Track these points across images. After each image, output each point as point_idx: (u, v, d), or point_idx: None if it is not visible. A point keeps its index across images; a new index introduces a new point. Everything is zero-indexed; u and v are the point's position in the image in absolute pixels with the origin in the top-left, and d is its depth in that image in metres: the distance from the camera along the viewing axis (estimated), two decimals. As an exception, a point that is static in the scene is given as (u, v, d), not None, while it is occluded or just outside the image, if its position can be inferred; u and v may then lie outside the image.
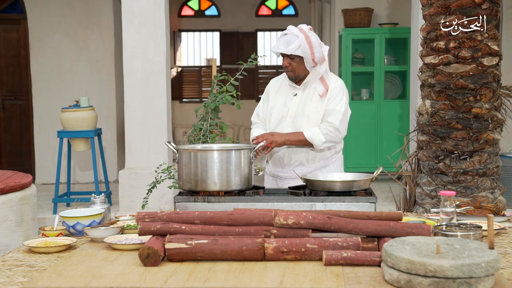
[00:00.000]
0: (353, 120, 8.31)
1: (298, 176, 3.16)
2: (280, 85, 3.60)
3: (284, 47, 3.37)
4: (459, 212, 2.88)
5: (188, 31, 12.63)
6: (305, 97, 3.48)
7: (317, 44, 3.38)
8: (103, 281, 2.05)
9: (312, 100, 3.47)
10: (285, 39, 3.39)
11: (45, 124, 8.49)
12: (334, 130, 3.41)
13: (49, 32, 8.46)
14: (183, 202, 2.90)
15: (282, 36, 3.42)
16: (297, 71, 3.43)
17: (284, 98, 3.52)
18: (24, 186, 4.21)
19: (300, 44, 3.34)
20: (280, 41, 3.41)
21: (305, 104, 3.47)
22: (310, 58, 3.38)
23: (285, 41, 3.38)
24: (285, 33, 3.41)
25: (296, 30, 3.38)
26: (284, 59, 3.42)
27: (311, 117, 3.44)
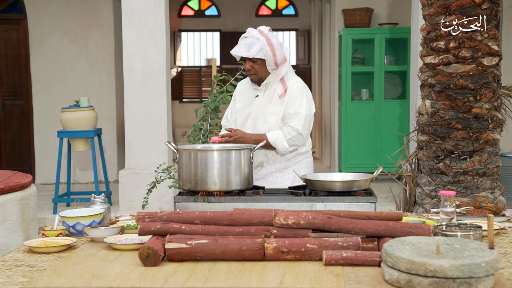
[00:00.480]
0: (353, 120, 8.40)
1: (297, 175, 3.16)
2: (244, 88, 3.61)
3: (246, 50, 3.35)
4: (459, 212, 2.88)
5: (188, 31, 12.63)
6: (266, 98, 3.47)
7: (278, 45, 3.36)
8: (103, 281, 2.05)
9: (272, 101, 3.46)
10: (246, 42, 3.37)
11: (45, 124, 8.49)
12: (297, 135, 3.39)
13: (49, 32, 8.46)
14: (183, 202, 2.90)
15: (243, 39, 3.40)
16: (259, 73, 3.43)
17: (247, 100, 3.53)
18: (24, 186, 4.21)
19: (261, 47, 3.33)
20: (241, 44, 3.39)
21: (265, 105, 3.47)
22: (272, 61, 3.36)
23: (246, 44, 3.36)
24: (246, 36, 3.39)
25: (256, 33, 3.36)
26: (246, 63, 3.41)
27: (270, 119, 3.43)
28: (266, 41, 3.33)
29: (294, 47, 12.66)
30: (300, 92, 3.43)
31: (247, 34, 3.39)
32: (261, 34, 3.36)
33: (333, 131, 8.84)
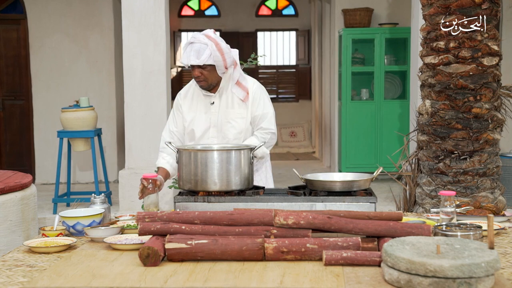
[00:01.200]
0: (353, 120, 8.40)
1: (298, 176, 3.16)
2: (192, 96, 3.42)
3: (196, 58, 3.17)
4: (459, 212, 2.88)
5: (188, 31, 12.63)
6: (224, 104, 3.35)
7: (227, 49, 3.24)
8: (103, 281, 2.05)
9: (233, 106, 3.35)
10: (194, 48, 3.18)
11: (45, 124, 8.49)
12: (272, 135, 3.39)
13: (49, 32, 8.46)
14: (183, 202, 2.90)
15: (189, 46, 3.21)
16: (209, 79, 3.26)
17: (202, 109, 3.38)
18: (24, 186, 4.21)
19: (211, 52, 3.17)
20: (189, 52, 3.20)
21: (226, 111, 3.35)
22: (222, 65, 3.22)
23: (195, 51, 3.18)
24: (192, 42, 3.20)
25: (204, 38, 3.19)
26: (195, 70, 3.24)
27: (237, 124, 3.34)
28: (215, 46, 3.18)
29: (294, 47, 12.66)
30: (261, 92, 3.41)
31: (193, 40, 3.19)
32: (209, 39, 3.19)
33: (333, 131, 8.84)
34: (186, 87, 3.48)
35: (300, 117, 12.33)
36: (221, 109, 3.35)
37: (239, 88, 3.35)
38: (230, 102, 3.35)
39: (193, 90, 3.43)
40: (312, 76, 11.39)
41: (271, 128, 3.38)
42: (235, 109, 3.35)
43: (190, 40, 3.21)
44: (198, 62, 3.17)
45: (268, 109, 3.39)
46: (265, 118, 3.37)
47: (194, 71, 3.24)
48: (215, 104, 3.35)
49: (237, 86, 3.34)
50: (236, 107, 3.35)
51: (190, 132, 3.40)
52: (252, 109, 3.36)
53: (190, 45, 3.20)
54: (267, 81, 12.66)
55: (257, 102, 3.37)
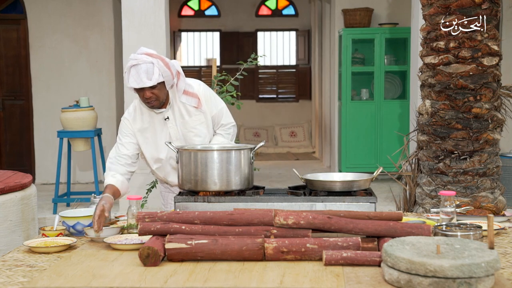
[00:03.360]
0: (353, 120, 8.39)
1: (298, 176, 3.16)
2: (141, 118, 3.25)
3: (148, 79, 3.00)
4: (459, 212, 2.88)
5: (188, 31, 12.63)
6: (178, 115, 3.24)
7: (170, 62, 3.12)
8: (103, 281, 2.05)
9: (189, 114, 3.25)
10: (142, 70, 3.00)
11: (45, 124, 8.49)
12: (234, 128, 3.40)
13: (49, 32, 8.46)
14: (183, 202, 2.90)
15: (134, 68, 3.02)
16: (160, 97, 3.11)
17: (156, 128, 3.23)
18: (24, 186, 4.21)
19: (159, 70, 3.02)
20: (138, 75, 3.01)
21: (184, 122, 3.24)
22: (171, 80, 3.09)
23: (144, 72, 3.00)
24: (136, 64, 3.01)
25: (147, 57, 3.02)
26: (145, 92, 3.05)
27: (199, 131, 3.26)
28: (162, 62, 3.03)
29: (294, 47, 12.66)
30: (208, 91, 3.35)
31: (136, 62, 3.00)
32: (153, 57, 3.03)
33: (333, 131, 8.84)
34: (130, 110, 3.29)
35: (300, 117, 12.33)
36: (177, 122, 3.25)
37: (188, 96, 3.24)
38: (185, 112, 3.25)
39: (140, 111, 3.26)
40: (312, 76, 11.39)
41: (231, 122, 3.39)
42: (192, 117, 3.26)
43: (133, 63, 3.02)
44: (151, 83, 3.00)
45: (221, 105, 3.37)
46: (222, 114, 3.35)
47: (145, 93, 3.06)
48: (170, 118, 3.24)
49: (185, 95, 3.24)
50: (193, 115, 3.26)
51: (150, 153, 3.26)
52: (209, 111, 3.30)
53: (135, 67, 3.02)
54: (267, 81, 12.66)
55: (210, 102, 3.31)
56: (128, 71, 3.05)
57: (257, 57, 5.03)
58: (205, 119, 3.29)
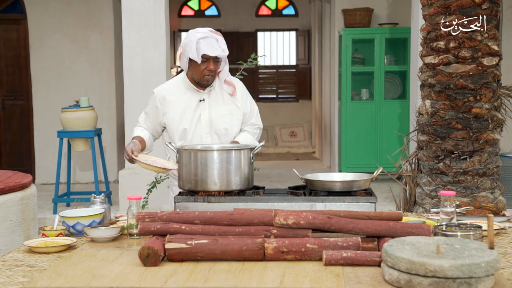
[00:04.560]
0: (353, 120, 8.39)
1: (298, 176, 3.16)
2: (177, 93, 3.37)
3: (223, 50, 3.20)
4: (459, 212, 2.88)
5: (188, 31, 12.62)
6: (213, 100, 3.36)
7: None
8: (103, 281, 2.05)
9: (224, 102, 3.37)
10: (215, 41, 3.19)
11: (45, 124, 8.49)
12: (260, 130, 3.50)
13: (49, 32, 8.46)
14: (183, 202, 2.90)
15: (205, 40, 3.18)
16: (216, 74, 3.31)
17: (189, 106, 3.34)
18: (24, 186, 4.21)
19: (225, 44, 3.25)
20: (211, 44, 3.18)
21: (217, 107, 3.36)
22: (225, 59, 3.31)
23: (219, 42, 3.20)
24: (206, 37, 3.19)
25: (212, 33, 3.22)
26: (210, 64, 3.22)
27: (227, 120, 3.36)
28: (224, 41, 3.24)
29: (294, 47, 12.66)
30: (246, 90, 3.49)
31: (206, 35, 3.19)
32: (217, 34, 3.23)
33: (333, 131, 8.84)
34: (168, 85, 3.43)
35: (300, 117, 12.33)
36: (211, 106, 3.36)
37: (226, 84, 3.39)
38: (220, 99, 3.37)
39: (176, 88, 3.39)
40: (312, 76, 11.39)
41: (259, 124, 3.50)
42: (225, 105, 3.38)
43: (202, 36, 3.18)
44: (225, 53, 3.21)
45: (254, 106, 3.50)
46: (253, 115, 3.47)
47: (210, 64, 3.22)
48: (205, 101, 3.36)
49: (225, 83, 3.39)
50: (226, 103, 3.38)
51: (173, 129, 3.37)
52: (242, 105, 3.42)
53: (205, 39, 3.18)
54: (267, 81, 12.66)
55: (245, 99, 3.44)
56: (196, 42, 3.18)
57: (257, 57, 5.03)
58: (236, 111, 3.39)
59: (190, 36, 3.23)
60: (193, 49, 3.19)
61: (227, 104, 3.38)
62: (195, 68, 3.26)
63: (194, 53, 3.19)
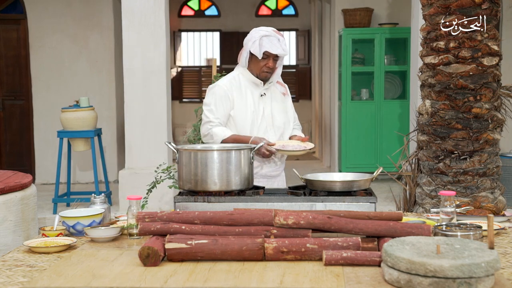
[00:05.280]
0: (353, 120, 8.39)
1: (298, 176, 3.16)
2: (239, 87, 3.47)
3: (285, 50, 3.39)
4: (459, 212, 2.88)
5: (188, 31, 12.63)
6: (270, 97, 3.52)
7: None
8: (103, 281, 2.05)
9: (278, 100, 3.55)
10: (280, 40, 3.39)
11: (45, 124, 8.49)
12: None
13: (49, 32, 8.46)
14: (183, 202, 2.90)
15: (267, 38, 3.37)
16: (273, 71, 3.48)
17: (252, 100, 3.46)
18: (24, 186, 4.21)
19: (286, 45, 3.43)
20: (273, 43, 3.36)
21: (273, 104, 3.52)
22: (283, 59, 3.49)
23: (281, 41, 3.39)
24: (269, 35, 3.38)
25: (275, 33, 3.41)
26: (271, 61, 3.40)
27: (280, 117, 3.52)
28: (285, 41, 3.42)
29: (294, 47, 12.66)
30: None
31: (270, 34, 3.38)
32: (279, 34, 3.41)
33: (333, 131, 8.84)
34: (226, 81, 3.49)
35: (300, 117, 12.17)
36: (269, 102, 3.51)
37: (278, 84, 3.57)
38: (275, 96, 3.54)
39: (238, 82, 3.49)
40: (312, 76, 11.39)
41: (300, 126, 3.72)
42: (279, 103, 3.54)
43: (265, 34, 3.37)
44: (284, 53, 3.37)
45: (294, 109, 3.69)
46: (296, 116, 3.69)
47: (270, 61, 3.38)
48: (266, 96, 3.50)
49: (277, 83, 3.57)
50: (279, 101, 3.55)
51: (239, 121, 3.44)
52: (290, 104, 3.62)
53: (268, 38, 3.36)
54: (267, 81, 12.65)
55: (290, 99, 3.65)
56: (259, 39, 3.36)
57: (257, 57, 5.01)
58: (289, 110, 3.58)
59: (254, 33, 3.42)
60: (256, 45, 3.37)
61: (281, 102, 3.56)
62: (255, 63, 3.43)
63: (256, 48, 3.37)
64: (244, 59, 3.46)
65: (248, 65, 3.47)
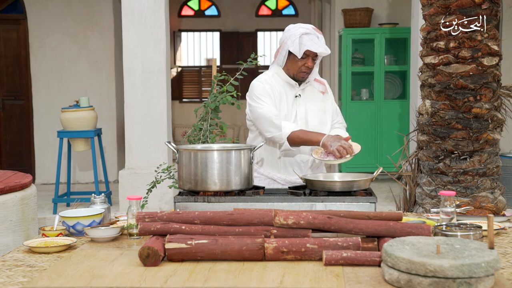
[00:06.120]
0: (353, 120, 8.38)
1: (298, 176, 3.16)
2: (275, 87, 3.34)
3: (326, 49, 3.20)
4: (459, 212, 2.88)
5: (188, 31, 12.63)
6: (307, 97, 3.38)
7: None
8: (103, 281, 2.05)
9: (315, 99, 3.39)
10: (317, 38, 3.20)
11: (45, 124, 8.49)
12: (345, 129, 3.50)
13: (49, 32, 8.47)
14: (183, 202, 2.90)
15: (308, 36, 3.19)
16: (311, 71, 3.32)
17: (285, 102, 3.35)
18: (24, 186, 4.21)
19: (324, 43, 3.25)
20: (313, 41, 3.18)
21: (309, 104, 3.38)
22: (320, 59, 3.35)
23: (321, 40, 3.21)
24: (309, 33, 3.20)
25: (315, 31, 3.23)
26: (310, 60, 3.24)
27: (317, 116, 3.38)
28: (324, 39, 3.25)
29: (294, 47, 12.65)
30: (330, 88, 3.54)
31: (309, 31, 3.19)
32: (318, 32, 3.24)
33: (333, 131, 8.83)
34: (265, 77, 3.37)
35: (300, 117, 12.32)
36: (305, 102, 3.37)
37: (316, 82, 3.42)
38: (312, 96, 3.39)
39: (275, 81, 3.35)
40: (312, 76, 11.37)
41: (344, 123, 3.53)
42: (316, 102, 3.39)
43: (304, 31, 3.19)
44: (327, 52, 3.20)
45: (336, 105, 3.52)
46: (338, 113, 3.51)
47: (309, 61, 3.24)
48: (301, 97, 3.37)
49: (315, 81, 3.42)
50: (316, 100, 3.40)
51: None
52: (331, 104, 3.45)
53: (308, 35, 3.18)
54: (267, 81, 12.64)
55: (332, 97, 3.49)
56: (299, 37, 3.18)
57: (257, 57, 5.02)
58: (328, 109, 3.42)
59: (293, 30, 3.23)
60: (296, 43, 3.19)
61: (320, 101, 3.40)
62: (293, 62, 3.27)
63: (296, 47, 3.19)
64: (282, 58, 3.29)
65: (285, 65, 3.31)
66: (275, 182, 3.40)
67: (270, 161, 3.42)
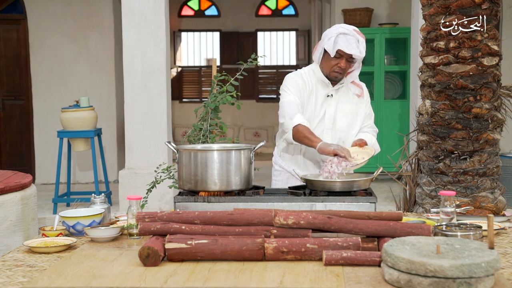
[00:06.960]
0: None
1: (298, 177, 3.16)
2: (308, 83, 3.35)
3: (360, 51, 3.18)
4: (459, 212, 2.88)
5: (188, 31, 12.63)
6: (340, 98, 3.37)
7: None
8: (103, 281, 2.05)
9: (348, 101, 3.38)
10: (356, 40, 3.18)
11: (45, 124, 8.49)
12: (376, 135, 3.49)
13: (49, 32, 8.47)
14: (183, 202, 2.90)
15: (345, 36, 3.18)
16: (346, 72, 3.31)
17: (318, 99, 3.35)
18: (24, 186, 4.21)
19: (364, 47, 3.23)
20: (348, 42, 3.17)
21: (341, 105, 3.36)
22: (360, 63, 3.31)
23: (360, 43, 3.19)
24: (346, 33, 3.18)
25: (355, 33, 3.20)
26: (344, 62, 3.22)
27: (348, 118, 3.37)
28: (364, 43, 3.22)
29: (294, 47, 12.66)
30: (368, 93, 3.50)
31: (347, 32, 3.18)
32: (360, 35, 3.21)
33: (333, 131, 8.83)
34: (301, 72, 3.39)
35: (300, 117, 12.31)
36: (337, 103, 3.36)
37: (354, 85, 3.39)
38: (346, 97, 3.38)
39: (310, 78, 3.37)
40: (312, 76, 11.36)
41: (376, 128, 3.51)
42: (349, 104, 3.38)
43: (342, 31, 3.18)
44: (361, 55, 3.19)
45: (372, 111, 3.51)
46: (371, 117, 3.49)
47: (342, 62, 3.21)
48: (333, 97, 3.36)
49: (352, 84, 3.39)
50: (351, 103, 3.38)
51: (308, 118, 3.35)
52: (365, 106, 3.43)
53: (345, 35, 3.17)
54: (267, 81, 12.65)
55: (368, 100, 3.46)
56: (336, 36, 3.17)
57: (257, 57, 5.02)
58: (361, 113, 3.40)
59: (333, 29, 3.24)
60: (331, 41, 3.19)
61: (353, 104, 3.39)
62: (326, 61, 3.27)
63: (330, 45, 3.20)
64: (318, 55, 3.30)
65: (320, 62, 3.31)
66: (293, 178, 3.42)
67: (292, 155, 3.46)
